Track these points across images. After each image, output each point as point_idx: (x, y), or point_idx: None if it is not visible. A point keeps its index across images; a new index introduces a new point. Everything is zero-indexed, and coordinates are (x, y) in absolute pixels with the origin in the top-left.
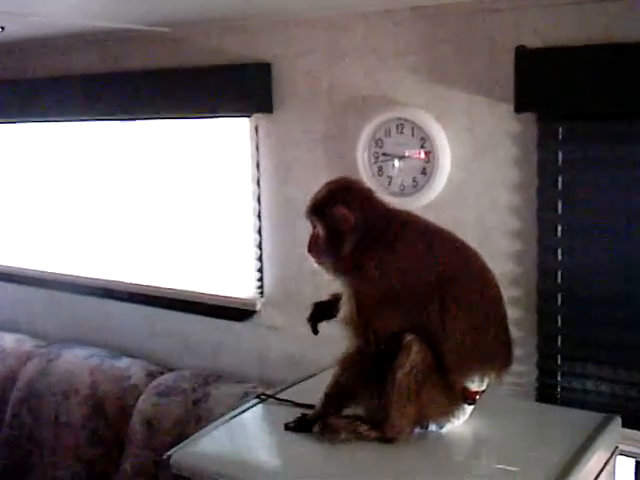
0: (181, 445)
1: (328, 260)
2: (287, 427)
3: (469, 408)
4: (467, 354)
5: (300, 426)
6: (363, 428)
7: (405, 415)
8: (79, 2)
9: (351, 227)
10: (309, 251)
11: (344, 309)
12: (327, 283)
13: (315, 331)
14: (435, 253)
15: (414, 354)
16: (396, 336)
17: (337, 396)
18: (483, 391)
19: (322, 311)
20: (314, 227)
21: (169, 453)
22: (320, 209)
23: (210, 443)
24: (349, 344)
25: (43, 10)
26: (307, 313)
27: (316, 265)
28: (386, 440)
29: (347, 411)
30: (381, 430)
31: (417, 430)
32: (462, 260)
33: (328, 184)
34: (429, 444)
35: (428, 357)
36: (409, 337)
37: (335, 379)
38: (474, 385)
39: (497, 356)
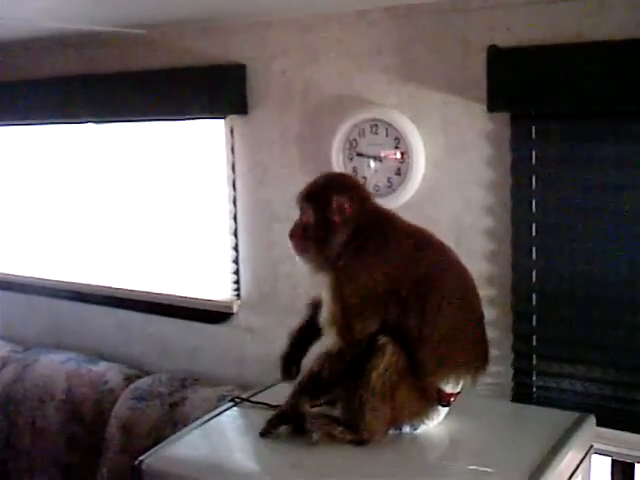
0: (154, 450)
1: (312, 250)
2: (262, 434)
3: (443, 410)
4: (444, 357)
5: (273, 421)
6: (337, 430)
7: (379, 417)
8: (51, 5)
9: (346, 219)
10: (291, 236)
11: (327, 309)
12: (303, 285)
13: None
14: (419, 256)
15: (388, 356)
16: (370, 338)
17: (311, 387)
18: (458, 393)
19: (292, 356)
20: (303, 213)
21: (141, 458)
22: (316, 195)
23: (183, 447)
24: (330, 342)
25: (14, 13)
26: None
27: (296, 256)
28: (360, 442)
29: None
30: (355, 432)
31: (391, 432)
32: (443, 262)
33: (326, 175)
34: (403, 446)
35: (402, 359)
36: (383, 339)
37: (311, 372)
38: (449, 387)
39: (473, 359)
